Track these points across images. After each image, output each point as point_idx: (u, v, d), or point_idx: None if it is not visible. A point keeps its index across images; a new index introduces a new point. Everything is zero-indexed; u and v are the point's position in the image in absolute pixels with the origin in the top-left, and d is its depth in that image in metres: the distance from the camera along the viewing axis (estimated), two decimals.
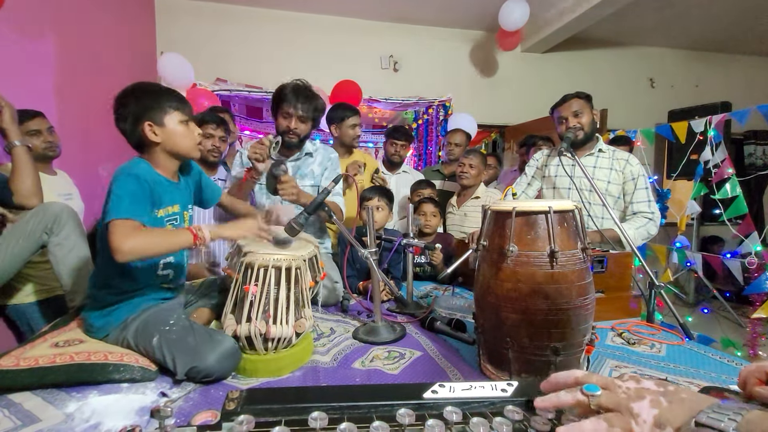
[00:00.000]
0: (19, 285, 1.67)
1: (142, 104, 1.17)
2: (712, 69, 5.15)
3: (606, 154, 1.95)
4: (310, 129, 1.83)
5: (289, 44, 4.09)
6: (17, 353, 1.04)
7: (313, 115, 1.79)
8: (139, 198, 1.09)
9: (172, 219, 1.24)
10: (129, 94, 1.18)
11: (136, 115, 1.16)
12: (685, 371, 1.09)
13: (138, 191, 1.09)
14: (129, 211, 1.04)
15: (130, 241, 1.00)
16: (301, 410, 0.51)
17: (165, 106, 1.19)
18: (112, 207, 1.04)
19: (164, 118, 1.18)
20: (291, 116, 1.76)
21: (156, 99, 1.18)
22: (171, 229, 1.19)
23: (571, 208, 0.99)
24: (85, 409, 0.91)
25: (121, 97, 1.18)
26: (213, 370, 1.01)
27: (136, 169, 1.14)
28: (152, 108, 1.17)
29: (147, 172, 1.16)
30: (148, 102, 1.17)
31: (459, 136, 2.97)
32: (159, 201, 1.18)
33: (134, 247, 1.01)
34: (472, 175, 2.41)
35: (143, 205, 1.10)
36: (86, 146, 2.48)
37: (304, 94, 1.76)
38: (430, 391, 0.55)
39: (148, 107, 1.17)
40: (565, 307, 0.93)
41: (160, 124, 1.18)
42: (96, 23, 2.80)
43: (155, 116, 1.17)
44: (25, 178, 1.48)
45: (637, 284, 1.71)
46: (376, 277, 1.39)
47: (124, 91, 1.19)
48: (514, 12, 3.57)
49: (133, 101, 1.17)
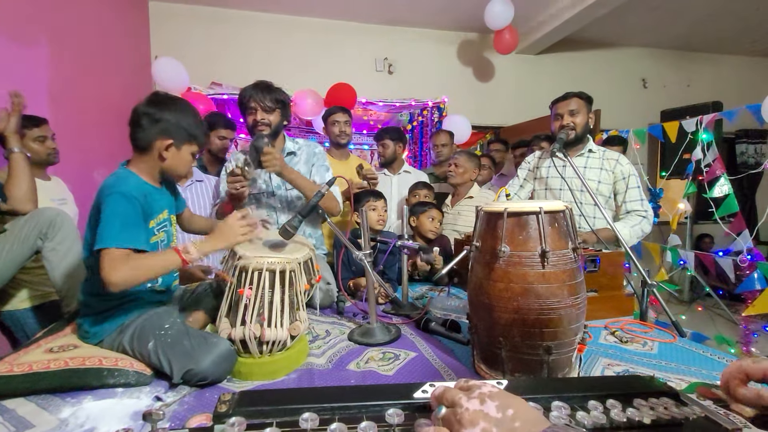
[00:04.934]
0: (14, 291, 1.67)
1: (178, 122, 1.15)
2: (703, 69, 5.21)
3: (596, 155, 1.97)
4: (280, 120, 1.79)
5: (283, 48, 4.10)
6: (11, 359, 1.04)
7: (276, 105, 1.76)
8: (130, 221, 1.07)
9: (162, 226, 1.24)
10: (166, 104, 1.15)
11: (165, 128, 1.14)
12: (677, 368, 1.11)
13: (129, 213, 1.07)
14: (119, 238, 1.03)
15: (120, 273, 1.01)
16: (293, 411, 0.51)
17: (193, 136, 1.18)
18: (103, 233, 1.03)
19: (183, 146, 1.18)
20: (255, 110, 1.75)
21: (194, 126, 1.17)
22: (158, 253, 1.16)
23: (562, 208, 1.00)
24: (80, 414, 0.91)
25: (156, 103, 1.15)
26: (208, 373, 1.02)
27: (126, 186, 1.10)
28: (184, 133, 1.16)
29: (136, 187, 1.13)
30: (186, 124, 1.16)
31: (443, 137, 3.03)
32: (150, 211, 1.17)
33: (125, 279, 1.02)
34: (457, 173, 2.44)
35: (136, 227, 1.08)
36: (80, 151, 2.48)
37: (263, 87, 1.76)
38: (421, 390, 0.56)
39: (181, 128, 1.15)
40: (556, 306, 0.94)
41: (177, 148, 1.17)
42: (90, 28, 2.79)
43: (180, 141, 1.16)
44: (22, 184, 1.49)
45: (629, 283, 1.73)
46: (371, 279, 1.39)
47: (160, 97, 1.17)
48: (495, 7, 3.60)
49: (170, 114, 1.14)
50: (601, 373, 1.09)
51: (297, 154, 1.94)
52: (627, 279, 1.64)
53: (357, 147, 4.61)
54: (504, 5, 3.58)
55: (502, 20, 3.68)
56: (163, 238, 1.24)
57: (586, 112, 1.93)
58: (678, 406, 0.57)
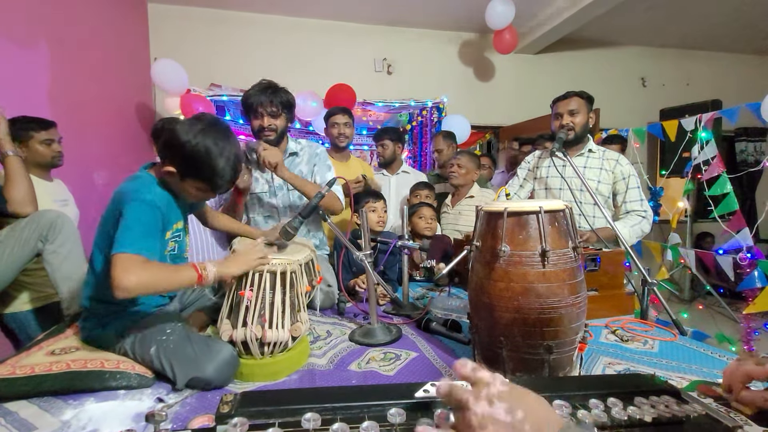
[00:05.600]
0: (16, 293, 1.67)
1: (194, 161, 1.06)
2: (702, 67, 5.21)
3: (596, 155, 1.97)
4: (285, 123, 1.81)
5: (282, 49, 4.10)
6: (13, 361, 1.04)
7: (283, 109, 1.77)
8: (151, 230, 1.04)
9: (176, 236, 1.21)
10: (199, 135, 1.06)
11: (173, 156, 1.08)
12: (677, 367, 1.11)
13: (152, 222, 1.05)
14: (138, 245, 0.99)
15: (133, 279, 0.95)
16: (295, 412, 0.52)
17: (203, 180, 1.10)
18: (122, 238, 0.98)
19: (188, 180, 1.11)
20: (262, 116, 1.75)
21: (210, 174, 1.08)
22: (176, 266, 1.11)
23: (562, 207, 1.00)
24: (82, 416, 0.91)
25: (196, 128, 1.07)
26: (212, 379, 1.02)
27: (150, 194, 1.07)
28: (191, 171, 1.09)
29: (160, 196, 1.11)
30: (202, 166, 1.07)
31: (440, 141, 3.00)
32: (168, 222, 1.14)
33: (137, 286, 0.96)
34: (460, 174, 2.44)
35: (154, 237, 1.06)
36: (79, 153, 2.48)
37: (269, 91, 1.74)
38: (422, 390, 0.56)
39: (193, 167, 1.07)
40: (557, 305, 0.94)
41: (181, 179, 1.11)
42: (89, 30, 2.80)
43: (185, 175, 1.10)
44: (19, 187, 1.49)
45: (630, 282, 1.73)
46: (372, 280, 1.39)
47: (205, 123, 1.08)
48: (497, 8, 3.60)
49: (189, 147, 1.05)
50: (602, 371, 1.09)
51: (299, 154, 1.95)
52: (627, 278, 1.64)
53: (357, 147, 4.61)
54: (505, 5, 3.59)
55: (503, 20, 3.68)
56: (173, 248, 1.21)
57: (586, 112, 1.93)
58: (679, 404, 0.57)
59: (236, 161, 1.13)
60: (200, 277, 1.05)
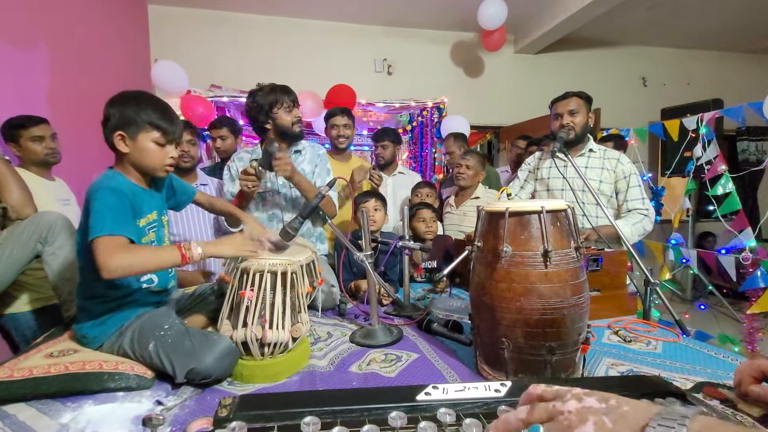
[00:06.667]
0: (15, 293, 1.66)
1: (121, 113, 1.14)
2: (703, 67, 5.20)
3: (597, 154, 1.97)
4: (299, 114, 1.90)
5: (283, 50, 4.10)
6: (11, 364, 1.04)
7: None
8: (120, 212, 1.07)
9: (152, 226, 1.23)
10: (115, 100, 1.17)
11: (114, 122, 1.15)
12: (681, 367, 1.10)
13: (118, 205, 1.07)
14: (113, 227, 1.02)
15: (116, 258, 0.99)
16: (294, 415, 0.51)
17: (144, 121, 1.15)
18: (95, 224, 1.02)
19: (138, 134, 1.15)
20: (290, 108, 1.81)
21: (137, 112, 1.14)
22: (159, 246, 1.16)
23: (564, 207, 0.99)
24: (81, 419, 0.90)
25: (109, 101, 1.17)
26: (212, 370, 1.01)
27: (113, 182, 1.12)
28: (129, 120, 1.14)
29: (123, 184, 1.14)
30: (129, 113, 1.14)
31: (451, 143, 2.99)
32: (139, 210, 1.17)
33: (120, 264, 0.99)
34: (468, 175, 2.42)
35: (126, 219, 1.08)
36: (80, 153, 2.48)
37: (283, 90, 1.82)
38: (424, 393, 0.55)
39: (125, 117, 1.14)
40: (559, 306, 0.93)
41: (132, 137, 1.15)
42: (89, 31, 2.80)
43: (129, 129, 1.15)
44: (12, 191, 1.49)
45: (632, 282, 1.72)
46: (372, 281, 1.39)
47: (115, 95, 1.18)
48: (489, 9, 3.60)
49: (116, 107, 1.15)
50: (606, 373, 1.08)
51: (302, 152, 1.97)
52: (630, 278, 1.63)
53: (357, 148, 4.60)
54: (496, 5, 3.58)
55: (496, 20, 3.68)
56: (153, 239, 1.23)
57: (585, 112, 1.93)
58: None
59: (151, 96, 1.21)
60: (184, 257, 1.08)
